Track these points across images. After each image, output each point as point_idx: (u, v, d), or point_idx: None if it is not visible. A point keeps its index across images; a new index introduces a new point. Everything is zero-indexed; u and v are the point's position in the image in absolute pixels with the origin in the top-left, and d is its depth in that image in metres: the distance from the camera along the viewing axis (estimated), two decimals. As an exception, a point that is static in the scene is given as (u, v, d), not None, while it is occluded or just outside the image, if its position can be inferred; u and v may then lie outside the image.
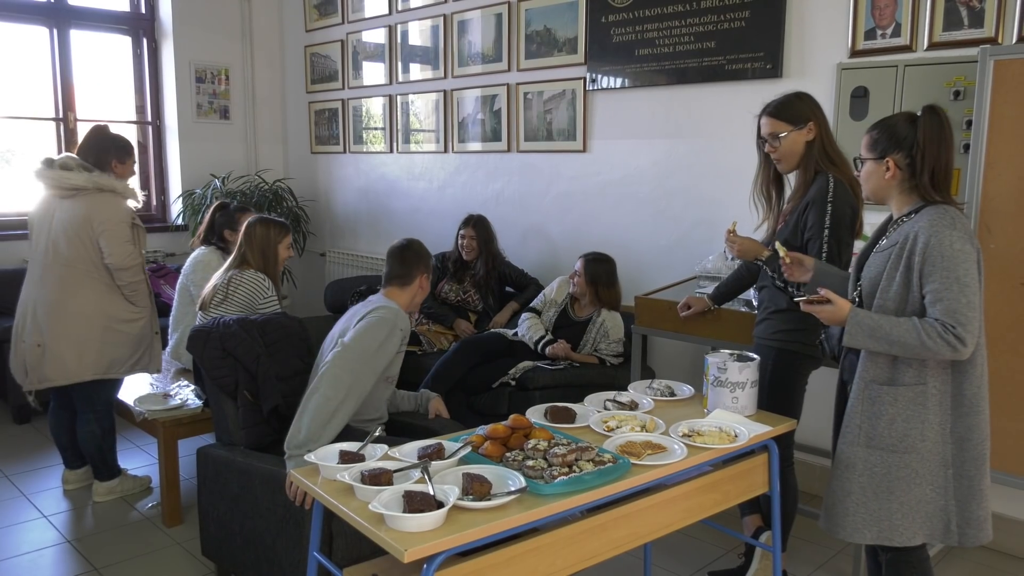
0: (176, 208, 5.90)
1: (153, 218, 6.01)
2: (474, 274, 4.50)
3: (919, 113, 2.09)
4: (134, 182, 3.65)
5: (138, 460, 4.09)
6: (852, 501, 2.14)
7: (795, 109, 2.61)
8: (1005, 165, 2.76)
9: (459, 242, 4.49)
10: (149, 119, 5.98)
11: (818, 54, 3.48)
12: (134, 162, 3.67)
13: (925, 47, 3.19)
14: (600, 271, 3.92)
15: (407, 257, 2.83)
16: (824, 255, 2.49)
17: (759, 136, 2.69)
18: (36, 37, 5.41)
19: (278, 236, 3.44)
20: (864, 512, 2.13)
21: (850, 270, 2.36)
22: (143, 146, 6.00)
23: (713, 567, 3.01)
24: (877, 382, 2.12)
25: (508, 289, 4.58)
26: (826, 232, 2.50)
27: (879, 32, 3.29)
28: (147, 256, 5.58)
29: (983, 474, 2.10)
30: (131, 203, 3.56)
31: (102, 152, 3.50)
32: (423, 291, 2.85)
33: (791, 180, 2.73)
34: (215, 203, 4.22)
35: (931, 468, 2.09)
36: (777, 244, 2.45)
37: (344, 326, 2.73)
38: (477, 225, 4.45)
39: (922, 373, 2.07)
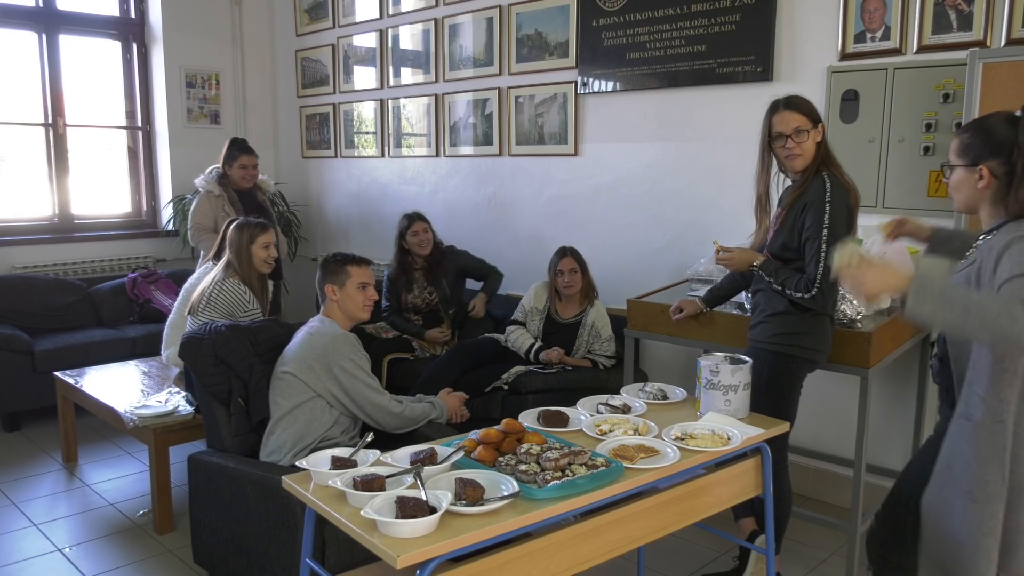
0: (167, 213, 5.87)
1: (143, 223, 5.99)
2: (420, 269, 4.38)
3: (1018, 113, 1.79)
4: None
5: (129, 467, 4.06)
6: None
7: (812, 107, 2.61)
8: (995, 167, 2.77)
9: (409, 241, 4.34)
10: (139, 124, 5.96)
11: (808, 57, 3.49)
12: (239, 164, 4.54)
13: (914, 50, 3.20)
14: (582, 258, 3.95)
15: (317, 281, 2.83)
16: (823, 255, 2.49)
17: (770, 134, 2.60)
18: (25, 42, 5.38)
19: (250, 237, 3.45)
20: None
21: None
22: (133, 151, 5.98)
23: (707, 570, 3.01)
24: (961, 416, 1.84)
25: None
26: (824, 232, 2.50)
27: (869, 35, 3.31)
28: (139, 262, 5.62)
29: None
30: (212, 193, 4.49)
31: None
32: (348, 297, 2.76)
33: (776, 183, 2.73)
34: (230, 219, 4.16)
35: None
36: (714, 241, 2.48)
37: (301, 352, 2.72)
38: (423, 218, 4.39)
39: (998, 409, 1.75)
